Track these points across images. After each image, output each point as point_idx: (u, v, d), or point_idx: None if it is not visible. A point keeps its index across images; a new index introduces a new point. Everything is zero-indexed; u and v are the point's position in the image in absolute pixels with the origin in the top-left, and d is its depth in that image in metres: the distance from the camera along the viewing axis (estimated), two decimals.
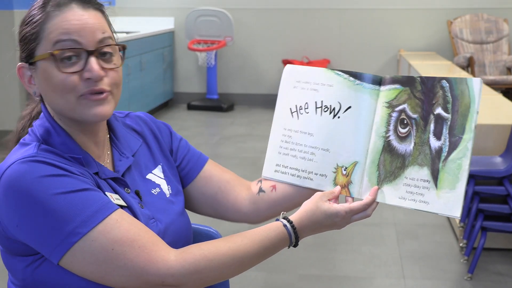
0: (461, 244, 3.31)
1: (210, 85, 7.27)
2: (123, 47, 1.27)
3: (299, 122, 1.42)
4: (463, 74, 5.40)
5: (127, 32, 6.73)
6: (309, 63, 7.10)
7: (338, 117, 1.38)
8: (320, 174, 1.38)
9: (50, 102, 1.25)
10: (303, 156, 1.40)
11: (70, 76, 1.20)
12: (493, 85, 5.99)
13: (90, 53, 1.21)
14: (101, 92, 1.22)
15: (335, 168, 1.37)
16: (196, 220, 1.56)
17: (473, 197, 3.13)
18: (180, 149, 1.46)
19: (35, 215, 1.14)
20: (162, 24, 7.33)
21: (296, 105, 1.43)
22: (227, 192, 1.45)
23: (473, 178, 3.10)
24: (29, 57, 1.24)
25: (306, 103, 1.42)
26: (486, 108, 3.54)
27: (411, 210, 1.30)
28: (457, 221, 3.42)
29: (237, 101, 7.46)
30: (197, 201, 1.46)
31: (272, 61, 7.37)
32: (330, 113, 1.39)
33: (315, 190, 1.38)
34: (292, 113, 1.43)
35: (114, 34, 1.29)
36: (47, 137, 1.24)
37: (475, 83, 1.25)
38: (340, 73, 1.40)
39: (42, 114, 1.28)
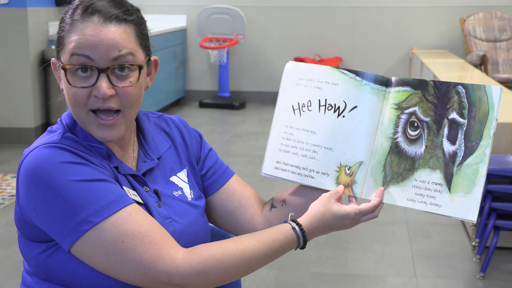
0: (473, 243, 3.30)
1: (222, 83, 7.27)
2: (138, 67, 1.25)
3: (301, 119, 1.40)
4: (476, 72, 5.37)
5: None
6: (321, 61, 7.09)
7: (343, 116, 1.37)
8: (322, 173, 1.38)
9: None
10: (304, 154, 1.39)
11: (81, 91, 1.21)
12: (506, 83, 5.96)
13: (100, 71, 1.20)
14: (109, 110, 1.22)
15: (338, 167, 1.37)
16: None
17: (485, 196, 3.12)
18: (208, 158, 1.46)
19: (50, 199, 1.16)
20: (174, 22, 7.34)
21: (298, 103, 1.41)
22: (246, 208, 1.45)
23: (485, 177, 3.07)
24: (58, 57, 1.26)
25: (309, 100, 1.40)
26: None
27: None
28: None
29: (249, 99, 7.47)
30: (215, 213, 1.46)
31: (284, 59, 7.35)
32: (335, 111, 1.38)
33: (315, 188, 1.38)
34: (294, 110, 1.42)
35: (142, 47, 1.27)
36: (73, 128, 1.27)
37: (495, 91, 1.26)
38: (345, 72, 1.38)
39: None
